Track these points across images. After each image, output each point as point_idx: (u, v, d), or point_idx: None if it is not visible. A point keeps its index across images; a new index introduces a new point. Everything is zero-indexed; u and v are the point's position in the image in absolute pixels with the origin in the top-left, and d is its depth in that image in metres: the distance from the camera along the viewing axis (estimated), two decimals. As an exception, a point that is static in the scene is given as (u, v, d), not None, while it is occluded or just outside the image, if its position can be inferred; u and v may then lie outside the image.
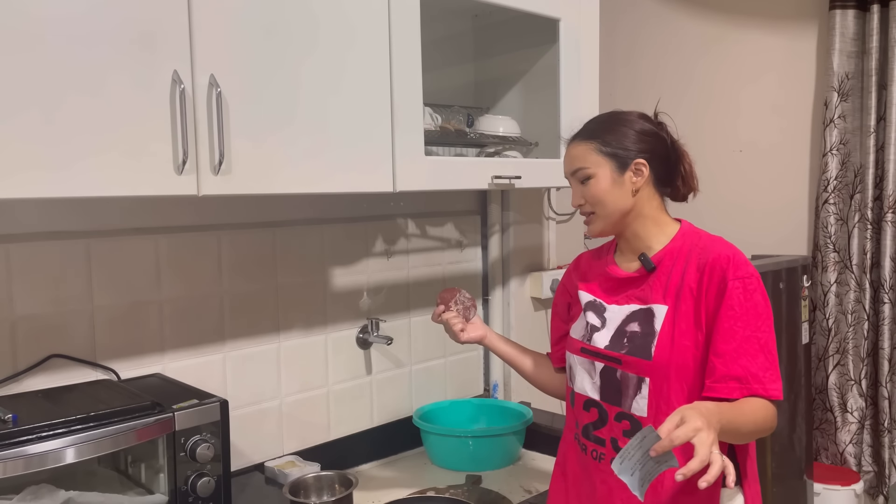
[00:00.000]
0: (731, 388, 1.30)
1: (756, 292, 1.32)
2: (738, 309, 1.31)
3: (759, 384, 1.30)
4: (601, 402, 1.43)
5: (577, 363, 1.48)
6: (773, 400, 1.31)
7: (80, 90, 1.25)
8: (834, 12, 2.72)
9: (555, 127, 2.09)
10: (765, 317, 1.33)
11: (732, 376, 1.30)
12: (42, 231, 1.58)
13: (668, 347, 1.35)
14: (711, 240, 1.41)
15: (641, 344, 1.37)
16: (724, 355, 1.31)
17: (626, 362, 1.39)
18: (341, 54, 1.61)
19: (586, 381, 1.45)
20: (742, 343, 1.30)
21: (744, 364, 1.29)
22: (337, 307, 2.08)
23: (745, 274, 1.33)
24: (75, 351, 1.62)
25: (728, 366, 1.30)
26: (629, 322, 1.41)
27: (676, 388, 1.34)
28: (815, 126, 2.88)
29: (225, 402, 1.52)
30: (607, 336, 1.43)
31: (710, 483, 1.07)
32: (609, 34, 2.79)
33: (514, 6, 1.97)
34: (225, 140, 1.41)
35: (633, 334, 1.39)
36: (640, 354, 1.37)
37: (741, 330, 1.31)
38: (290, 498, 1.65)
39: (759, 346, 1.31)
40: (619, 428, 1.40)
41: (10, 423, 1.29)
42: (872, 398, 2.79)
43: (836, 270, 2.80)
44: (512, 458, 2.07)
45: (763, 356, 1.31)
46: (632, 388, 1.38)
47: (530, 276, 2.56)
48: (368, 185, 1.69)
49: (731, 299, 1.31)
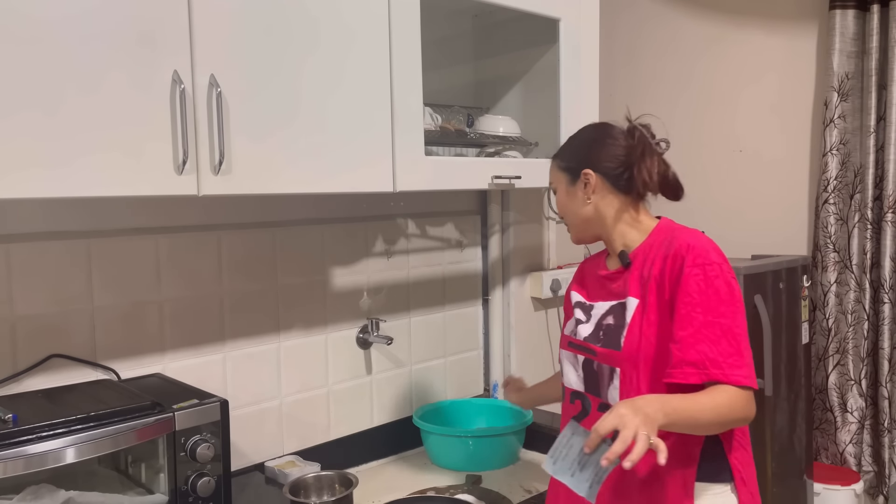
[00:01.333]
0: (687, 373, 1.30)
1: (718, 279, 1.32)
2: (696, 295, 1.31)
3: (718, 369, 1.28)
4: (585, 394, 1.47)
5: (564, 357, 1.54)
6: (744, 387, 1.29)
7: (80, 90, 1.25)
8: (834, 12, 2.72)
9: (555, 127, 2.09)
10: (728, 303, 1.32)
11: (689, 361, 1.30)
12: (42, 231, 1.58)
13: (636, 338, 1.37)
14: (681, 231, 1.42)
15: (613, 335, 1.42)
16: (680, 341, 1.31)
17: (600, 353, 1.43)
18: (342, 54, 1.61)
19: (572, 373, 1.50)
20: (700, 329, 1.30)
21: (702, 349, 1.29)
22: (337, 307, 2.08)
23: (705, 261, 1.33)
24: (75, 351, 1.62)
25: (684, 351, 1.30)
26: (607, 316, 1.46)
27: (645, 378, 1.36)
28: (815, 126, 2.88)
29: (225, 402, 1.52)
30: (588, 329, 1.48)
31: (633, 462, 1.10)
32: (609, 34, 2.79)
33: (514, 6, 1.98)
34: (225, 140, 1.41)
35: (607, 327, 1.44)
36: (611, 345, 1.41)
37: (700, 316, 1.31)
38: (290, 498, 1.65)
39: (722, 332, 1.30)
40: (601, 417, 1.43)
41: (10, 423, 1.29)
42: (872, 398, 2.79)
43: (836, 270, 2.80)
44: (512, 458, 2.07)
45: (726, 342, 1.30)
46: (606, 378, 1.42)
47: (530, 276, 2.56)
48: (368, 185, 1.69)
49: (689, 286, 1.32)
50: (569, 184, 1.50)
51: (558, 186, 1.53)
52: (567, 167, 1.51)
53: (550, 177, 1.56)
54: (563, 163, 1.52)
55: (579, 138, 1.54)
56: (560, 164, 1.53)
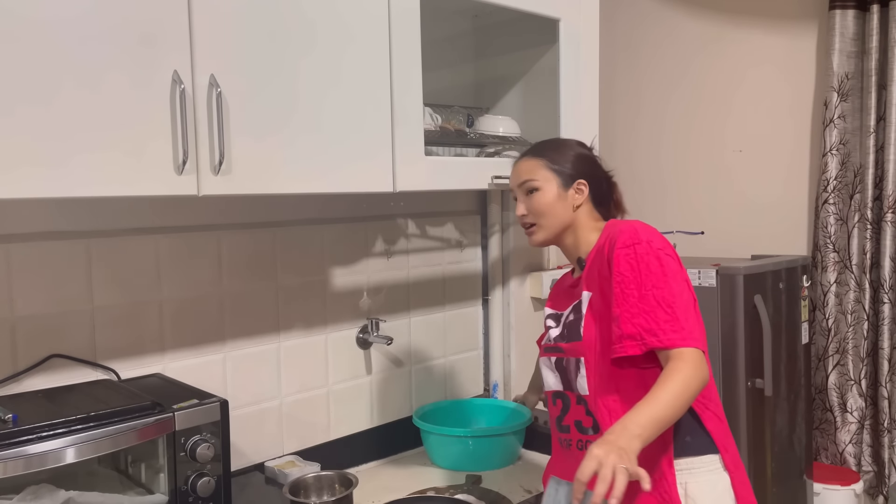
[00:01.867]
0: (626, 346, 1.36)
1: (648, 255, 1.37)
2: (627, 273, 1.37)
3: (654, 337, 1.33)
4: (564, 392, 1.53)
5: (542, 363, 1.60)
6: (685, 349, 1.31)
7: (80, 90, 1.25)
8: (834, 12, 2.72)
9: (555, 127, 2.09)
10: (658, 275, 1.36)
11: (627, 335, 1.36)
12: (42, 231, 1.58)
13: (593, 326, 1.45)
14: (621, 223, 1.49)
15: (574, 329, 1.49)
16: (618, 318, 1.37)
17: (566, 348, 1.50)
18: (342, 54, 1.61)
19: (550, 376, 1.56)
20: (637, 303, 1.35)
21: (637, 322, 1.35)
22: (337, 307, 2.08)
23: (634, 241, 1.39)
24: (75, 351, 1.62)
25: (622, 326, 1.36)
26: (569, 315, 1.54)
27: (606, 361, 1.41)
28: (815, 126, 2.88)
29: (225, 402, 1.52)
30: (557, 331, 1.56)
31: (618, 499, 1.13)
32: (609, 34, 2.79)
33: (514, 6, 1.98)
34: (225, 140, 1.41)
35: (569, 323, 1.52)
36: (573, 338, 1.49)
37: (634, 291, 1.36)
38: (290, 498, 1.65)
39: (656, 302, 1.35)
40: (581, 410, 1.49)
41: (10, 423, 1.29)
42: (872, 398, 2.79)
43: (836, 270, 2.80)
44: (512, 458, 2.07)
45: (661, 310, 1.34)
46: (573, 370, 1.49)
47: (530, 276, 2.56)
48: (368, 185, 1.69)
49: (620, 265, 1.39)
50: (560, 187, 1.54)
51: (545, 186, 1.54)
52: (561, 171, 1.54)
53: (531, 174, 1.55)
54: (557, 166, 1.54)
55: (570, 148, 1.58)
56: (552, 166, 1.54)
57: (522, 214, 1.57)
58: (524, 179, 1.56)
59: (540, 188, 1.54)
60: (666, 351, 1.34)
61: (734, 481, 1.42)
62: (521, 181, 1.57)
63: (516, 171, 1.59)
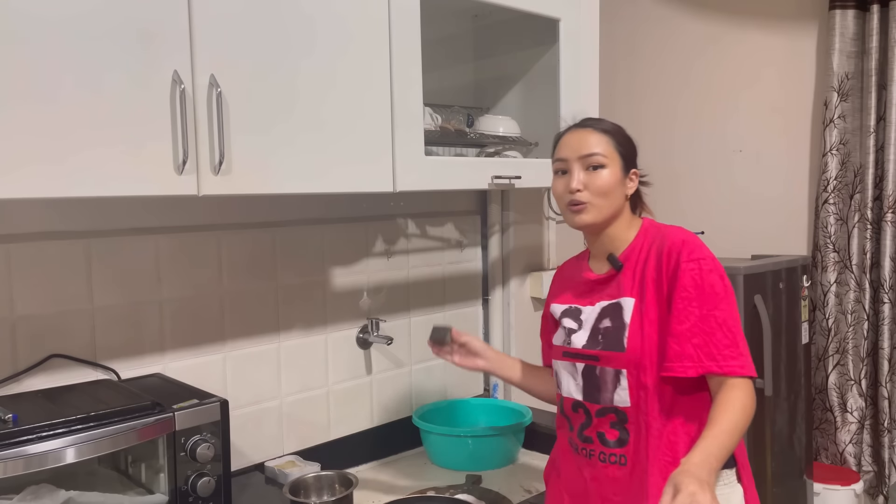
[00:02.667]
0: (685, 366, 1.33)
1: (712, 273, 1.35)
2: (691, 290, 1.34)
3: (713, 361, 1.31)
4: (583, 402, 1.47)
5: (561, 367, 1.51)
6: (743, 378, 1.31)
7: (80, 90, 1.25)
8: (834, 12, 2.72)
9: (555, 127, 2.09)
10: (722, 296, 1.34)
11: (686, 355, 1.33)
12: (42, 231, 1.58)
13: (638, 337, 1.38)
14: (669, 229, 1.45)
15: (614, 337, 1.41)
16: (678, 335, 1.34)
17: (603, 357, 1.42)
18: (341, 54, 1.61)
19: (571, 383, 1.49)
20: (697, 322, 1.33)
21: (697, 343, 1.32)
22: (337, 307, 2.08)
23: (700, 256, 1.36)
24: (75, 351, 1.62)
25: (682, 345, 1.33)
26: (602, 319, 1.45)
27: (652, 375, 1.38)
28: (815, 126, 2.88)
29: (225, 402, 1.52)
30: (584, 336, 1.47)
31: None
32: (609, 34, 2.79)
33: (514, 6, 1.98)
34: (225, 140, 1.41)
35: (605, 330, 1.43)
36: (614, 348, 1.41)
37: (696, 310, 1.33)
38: (290, 498, 1.65)
39: (717, 324, 1.32)
40: (604, 422, 1.44)
41: (10, 423, 1.29)
42: (872, 398, 2.79)
43: (836, 270, 2.80)
44: (511, 458, 2.07)
45: (721, 333, 1.32)
46: (611, 381, 1.42)
47: (530, 276, 2.56)
48: (368, 184, 1.69)
49: (685, 280, 1.34)
50: (622, 170, 1.44)
51: (612, 166, 1.42)
52: (625, 154, 1.45)
53: (600, 147, 1.42)
54: (622, 147, 1.45)
55: (626, 134, 1.48)
56: (618, 148, 1.44)
57: (578, 190, 1.42)
58: (592, 152, 1.42)
59: (607, 166, 1.42)
60: (722, 377, 1.32)
61: (747, 495, 1.41)
62: (587, 153, 1.42)
63: (580, 141, 1.44)
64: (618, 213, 1.46)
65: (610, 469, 1.43)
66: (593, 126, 1.46)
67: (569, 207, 1.44)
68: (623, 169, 1.44)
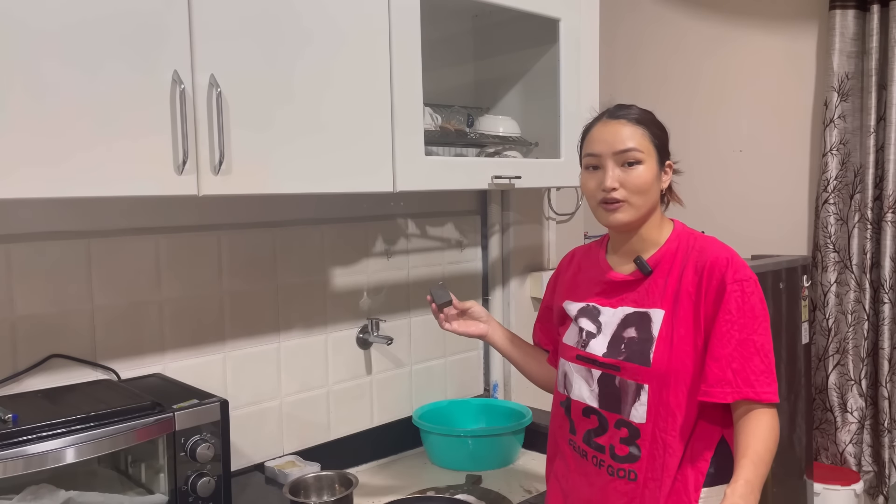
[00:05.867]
0: (725, 392, 1.30)
1: (753, 295, 1.31)
2: (735, 312, 1.30)
3: (751, 388, 1.29)
4: (600, 410, 1.41)
5: (573, 370, 1.45)
6: (769, 404, 1.30)
7: (80, 89, 1.25)
8: (834, 12, 2.72)
9: (555, 127, 2.09)
10: (761, 319, 1.32)
11: (726, 381, 1.30)
12: (42, 231, 1.58)
13: (666, 353, 1.33)
14: (707, 241, 1.40)
15: (640, 350, 1.35)
16: (720, 359, 1.30)
17: (625, 369, 1.36)
18: (342, 54, 1.61)
19: (584, 388, 1.42)
20: (737, 347, 1.30)
21: (736, 368, 1.29)
22: (337, 307, 2.08)
23: (744, 277, 1.32)
24: (75, 351, 1.62)
25: (723, 370, 1.30)
26: (625, 327, 1.39)
27: (675, 394, 1.33)
28: (815, 126, 2.88)
29: (225, 402, 1.52)
30: (604, 343, 1.40)
31: None
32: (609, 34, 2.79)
33: (514, 6, 1.97)
34: (225, 140, 1.41)
35: (630, 340, 1.37)
36: (638, 361, 1.35)
37: (737, 333, 1.30)
38: (290, 498, 1.65)
39: (756, 349, 1.30)
40: (617, 435, 1.39)
41: (10, 423, 1.29)
42: (872, 398, 2.79)
43: (836, 270, 2.80)
44: (511, 458, 2.07)
45: (759, 359, 1.30)
46: (630, 394, 1.36)
47: (530, 276, 2.56)
48: (368, 184, 1.69)
49: (729, 303, 1.30)
50: (657, 165, 1.36)
51: (648, 160, 1.34)
52: (661, 147, 1.36)
53: (634, 141, 1.34)
54: (657, 140, 1.36)
55: (658, 122, 1.39)
56: (654, 141, 1.35)
57: (613, 188, 1.33)
58: (628, 147, 1.33)
59: (644, 162, 1.33)
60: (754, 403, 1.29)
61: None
62: (622, 149, 1.33)
63: (614, 135, 1.34)
64: (652, 211, 1.38)
65: (618, 483, 1.39)
66: (626, 116, 1.36)
67: (601, 205, 1.36)
68: (659, 163, 1.36)
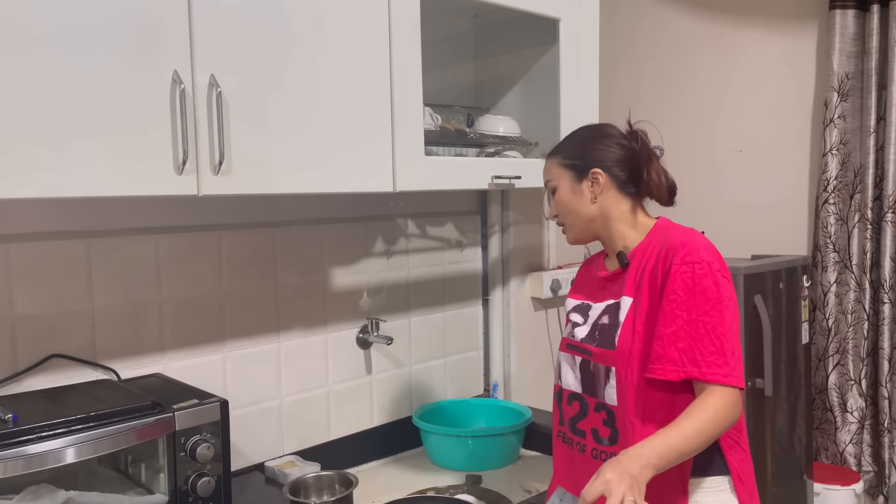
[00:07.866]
0: (666, 370, 1.31)
1: (706, 277, 1.31)
2: (681, 293, 1.31)
3: (696, 367, 1.29)
4: (583, 395, 1.47)
5: (562, 359, 1.53)
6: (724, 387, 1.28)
7: (80, 90, 1.25)
8: (834, 12, 2.72)
9: (555, 127, 2.09)
10: (714, 301, 1.31)
11: (668, 358, 1.31)
12: (42, 231, 1.58)
13: (629, 336, 1.37)
14: (676, 229, 1.42)
15: (608, 335, 1.42)
16: (662, 338, 1.32)
17: (596, 353, 1.44)
18: (341, 54, 1.61)
19: (570, 375, 1.50)
20: (684, 326, 1.30)
21: (682, 347, 1.30)
22: (337, 307, 2.08)
23: (695, 259, 1.32)
24: (75, 351, 1.62)
25: (665, 348, 1.31)
26: (602, 316, 1.46)
27: (639, 376, 1.36)
28: (815, 126, 2.88)
29: (225, 402, 1.52)
30: (585, 330, 1.49)
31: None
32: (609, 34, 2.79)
33: (514, 6, 1.98)
34: (225, 140, 1.41)
35: (602, 327, 1.45)
36: (606, 345, 1.42)
37: (684, 314, 1.31)
38: (290, 498, 1.65)
39: (706, 331, 1.30)
40: (598, 418, 1.44)
41: (10, 423, 1.29)
42: (872, 398, 2.79)
43: (836, 270, 2.80)
44: (512, 457, 2.07)
45: (709, 340, 1.29)
46: (602, 377, 1.42)
47: (530, 276, 2.56)
48: (368, 185, 1.69)
49: (675, 283, 1.32)
50: (573, 181, 1.47)
51: (560, 184, 1.49)
52: (572, 165, 1.47)
53: (548, 174, 1.52)
54: (567, 160, 1.48)
55: (582, 137, 1.51)
56: (563, 162, 1.49)
57: (554, 215, 1.53)
58: (545, 180, 1.54)
59: (557, 186, 1.49)
60: (704, 384, 1.30)
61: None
62: (544, 182, 1.54)
63: (543, 173, 1.56)
64: (595, 218, 1.46)
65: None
66: (550, 153, 1.54)
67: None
68: (574, 180, 1.47)
